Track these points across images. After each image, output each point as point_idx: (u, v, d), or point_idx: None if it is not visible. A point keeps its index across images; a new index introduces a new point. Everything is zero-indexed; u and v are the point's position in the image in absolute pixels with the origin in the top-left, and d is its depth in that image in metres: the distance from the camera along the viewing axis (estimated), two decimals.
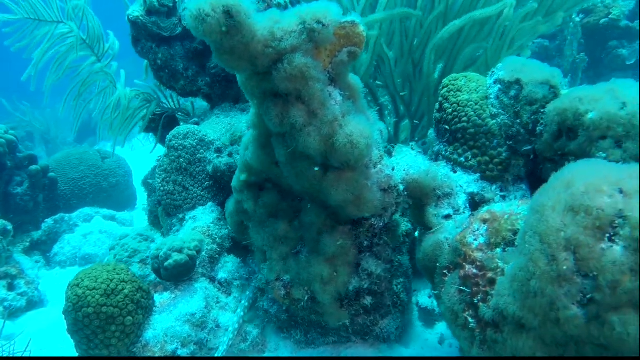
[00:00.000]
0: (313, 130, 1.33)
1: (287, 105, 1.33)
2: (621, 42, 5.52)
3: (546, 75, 1.65)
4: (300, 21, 1.29)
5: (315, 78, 1.30)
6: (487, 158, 1.71)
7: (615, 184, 1.00)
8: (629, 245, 0.94)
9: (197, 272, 1.92)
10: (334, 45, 1.36)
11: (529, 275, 1.04)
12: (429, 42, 3.44)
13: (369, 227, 1.53)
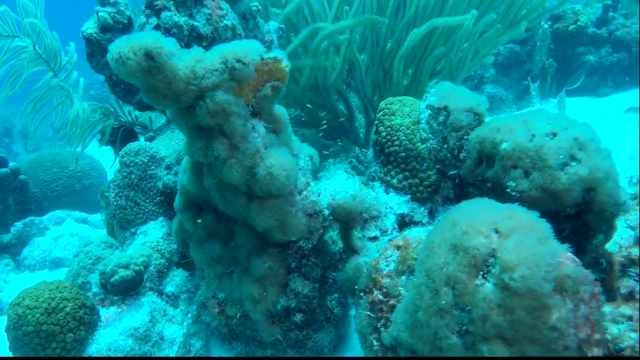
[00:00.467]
0: (235, 163, 1.40)
1: (210, 138, 1.41)
2: (588, 49, 5.63)
3: (471, 103, 1.74)
4: (221, 60, 1.37)
5: (236, 114, 1.38)
6: (417, 180, 1.80)
7: (493, 224, 1.09)
8: (498, 283, 1.03)
9: (145, 286, 2.00)
10: (257, 80, 1.44)
11: (416, 307, 1.13)
12: (398, 52, 3.52)
13: (297, 249, 1.62)
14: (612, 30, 5.60)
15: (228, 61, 1.36)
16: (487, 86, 5.59)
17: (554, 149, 1.43)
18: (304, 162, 1.62)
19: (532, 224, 1.08)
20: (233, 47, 1.39)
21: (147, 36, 1.30)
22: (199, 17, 2.00)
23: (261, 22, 2.65)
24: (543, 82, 5.65)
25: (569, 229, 1.51)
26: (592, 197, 1.41)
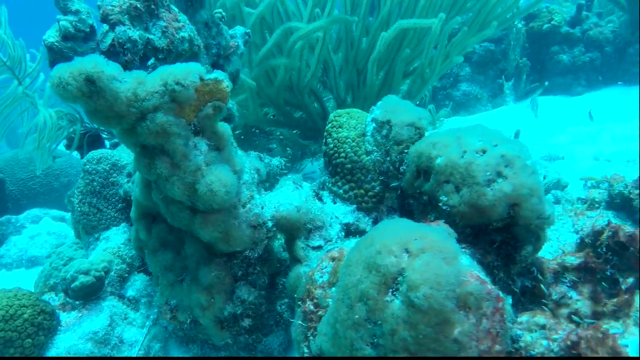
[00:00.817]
0: (177, 180, 1.48)
1: (153, 157, 1.48)
2: (562, 48, 5.72)
3: (413, 117, 1.81)
4: (162, 83, 1.43)
5: (176, 134, 1.45)
6: (362, 191, 1.88)
7: (404, 244, 1.17)
8: (405, 300, 1.11)
9: (106, 290, 2.08)
10: (198, 101, 1.51)
11: (335, 319, 1.22)
12: (372, 54, 3.58)
13: (243, 258, 1.69)
14: (586, 29, 5.69)
15: (168, 84, 1.43)
16: (463, 84, 5.66)
17: (482, 165, 1.51)
18: (248, 175, 1.69)
19: (441, 245, 1.17)
20: (173, 70, 1.45)
21: (87, 61, 1.36)
22: (154, 30, 2.06)
23: (225, 29, 2.70)
24: (517, 80, 5.73)
25: (499, 241, 1.60)
26: (517, 212, 1.50)
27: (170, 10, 2.16)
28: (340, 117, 1.96)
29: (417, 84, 3.77)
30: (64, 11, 2.34)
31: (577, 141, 4.39)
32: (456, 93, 5.61)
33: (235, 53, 2.92)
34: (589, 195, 2.61)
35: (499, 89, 5.69)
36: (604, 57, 5.58)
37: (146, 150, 1.49)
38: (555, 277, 1.85)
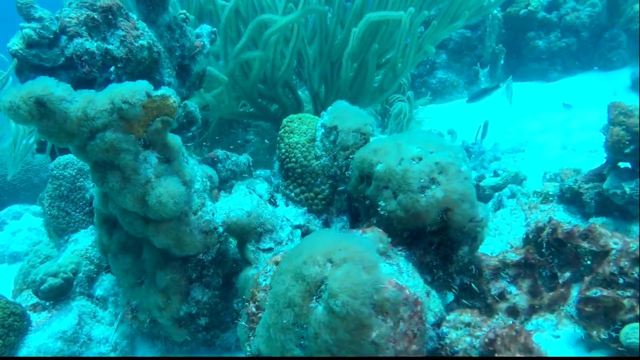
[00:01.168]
0: (128, 193, 1.57)
1: (105, 171, 1.56)
2: (538, 33, 5.77)
3: (359, 124, 1.90)
4: (109, 101, 1.51)
5: (125, 150, 1.54)
6: (312, 194, 1.98)
7: (328, 255, 1.27)
8: (326, 307, 1.22)
9: (75, 291, 2.18)
10: (146, 117, 1.59)
11: (268, 323, 1.32)
12: (345, 49, 3.63)
13: (197, 261, 1.80)
14: (562, 14, 5.74)
15: (115, 103, 1.51)
16: (439, 72, 5.73)
17: (417, 173, 1.61)
18: (200, 184, 1.78)
19: (362, 255, 1.27)
20: (120, 89, 1.53)
21: (36, 84, 1.44)
22: (112, 40, 2.12)
23: (189, 30, 2.76)
24: (493, 67, 5.80)
25: (436, 242, 1.70)
26: (450, 217, 1.60)
27: (128, 18, 2.22)
28: (292, 123, 2.05)
29: (388, 77, 3.84)
30: (27, 18, 2.39)
31: (548, 129, 4.48)
32: (432, 80, 5.68)
33: (201, 52, 2.99)
34: (544, 188, 2.71)
35: (475, 75, 5.76)
36: (580, 42, 5.64)
37: (98, 165, 1.58)
38: (495, 274, 1.97)
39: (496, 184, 2.85)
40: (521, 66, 5.78)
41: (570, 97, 4.97)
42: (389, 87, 3.85)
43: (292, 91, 4.38)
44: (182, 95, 2.83)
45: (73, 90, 1.52)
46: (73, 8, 2.07)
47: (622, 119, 2.27)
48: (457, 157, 1.68)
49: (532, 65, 5.68)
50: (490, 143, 4.21)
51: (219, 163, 2.95)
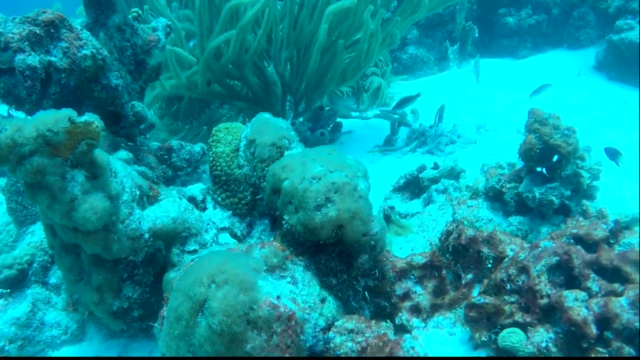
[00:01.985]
0: (56, 210, 1.77)
1: (35, 191, 1.76)
2: (509, 10, 5.79)
3: (274, 138, 2.08)
4: (35, 130, 1.69)
5: (51, 172, 1.73)
6: (236, 199, 2.18)
7: (212, 277, 1.49)
8: (207, 323, 1.44)
9: (30, 280, 2.42)
10: (72, 140, 1.77)
11: (165, 331, 1.56)
12: (315, 44, 3.72)
13: (128, 262, 2.02)
14: None
15: (40, 131, 1.69)
16: (410, 47, 5.80)
17: (314, 192, 1.80)
18: (128, 195, 1.98)
19: (241, 277, 1.48)
20: (45, 117, 1.71)
21: None
22: (55, 52, 2.27)
23: (140, 28, 2.89)
24: (463, 44, 5.86)
25: (336, 252, 1.90)
26: (343, 233, 1.80)
27: (72, 29, 2.36)
28: (220, 133, 2.23)
29: (352, 66, 3.94)
30: None
31: (508, 110, 4.61)
32: (403, 56, 5.76)
33: (157, 46, 3.11)
34: (476, 183, 2.88)
35: (446, 51, 5.83)
36: (550, 19, 5.68)
37: (29, 185, 1.77)
38: (402, 275, 2.18)
39: (434, 177, 3.03)
40: (493, 42, 5.83)
41: (538, 75, 5.07)
42: (352, 77, 3.98)
43: (261, 71, 4.50)
44: (136, 90, 2.99)
45: (2, 119, 1.70)
46: (16, 23, 2.21)
47: (537, 126, 2.43)
48: (355, 176, 1.87)
49: (502, 42, 5.74)
50: (449, 124, 4.36)
51: (174, 153, 3.14)
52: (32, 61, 2.19)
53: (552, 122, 2.40)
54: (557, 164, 2.38)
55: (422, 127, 4.16)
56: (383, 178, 3.69)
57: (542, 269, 1.94)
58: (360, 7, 3.68)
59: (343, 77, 3.99)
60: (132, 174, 2.10)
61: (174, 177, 3.13)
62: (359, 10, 3.74)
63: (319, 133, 4.18)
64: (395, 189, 3.17)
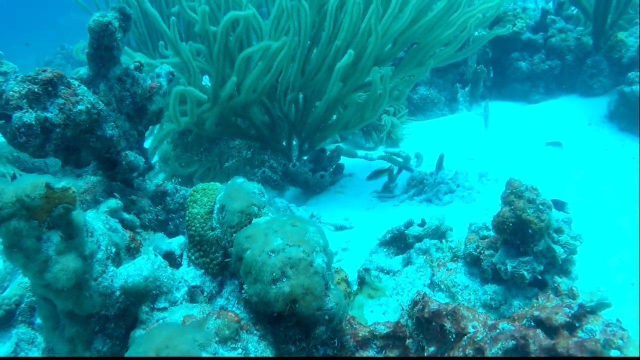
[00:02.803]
0: (30, 269, 1.89)
1: (11, 250, 1.89)
2: (522, 54, 5.79)
3: (243, 206, 2.17)
4: (14, 194, 1.83)
5: (27, 235, 1.85)
6: (208, 259, 2.28)
7: (157, 350, 1.58)
8: None
9: (17, 319, 2.56)
10: (49, 204, 1.89)
11: None
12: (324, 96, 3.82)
13: (100, 317, 2.12)
14: (548, 36, 5.73)
15: (18, 196, 1.82)
16: (421, 88, 5.84)
17: (271, 266, 1.88)
18: (103, 253, 2.09)
19: (185, 353, 1.57)
20: (24, 184, 1.84)
21: None
22: (52, 109, 2.42)
23: (141, 77, 3.04)
24: (474, 86, 5.87)
25: (294, 321, 1.97)
26: (296, 307, 1.87)
27: (69, 86, 2.51)
28: (197, 194, 2.33)
29: (354, 118, 4.02)
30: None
31: (513, 159, 4.60)
32: (414, 96, 5.81)
33: (158, 93, 3.27)
34: (458, 245, 2.91)
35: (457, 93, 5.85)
36: (564, 65, 5.65)
37: (6, 245, 1.90)
38: (361, 345, 2.22)
39: (419, 234, 3.07)
40: (505, 86, 5.83)
41: (548, 121, 5.04)
42: (354, 127, 4.06)
43: (267, 109, 4.63)
44: (134, 136, 3.14)
45: None
46: (17, 82, 2.37)
47: (512, 199, 2.46)
48: (313, 251, 1.94)
49: (515, 86, 5.73)
50: (451, 171, 4.38)
51: (168, 197, 3.27)
52: (27, 118, 2.34)
53: (527, 195, 2.43)
54: (530, 238, 2.40)
55: (422, 175, 4.19)
56: (376, 226, 3.74)
57: (498, 352, 1.97)
58: (367, 64, 3.75)
59: (345, 127, 4.08)
60: (110, 233, 2.22)
61: (167, 219, 3.26)
62: (365, 67, 3.79)
63: (319, 175, 4.26)
64: (382, 243, 3.22)
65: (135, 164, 2.87)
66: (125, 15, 2.93)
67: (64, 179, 1.93)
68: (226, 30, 3.84)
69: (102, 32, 2.70)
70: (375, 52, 3.60)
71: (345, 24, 3.59)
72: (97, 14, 2.73)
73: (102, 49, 2.75)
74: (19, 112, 2.35)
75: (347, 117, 4.02)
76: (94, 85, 2.80)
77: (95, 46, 2.74)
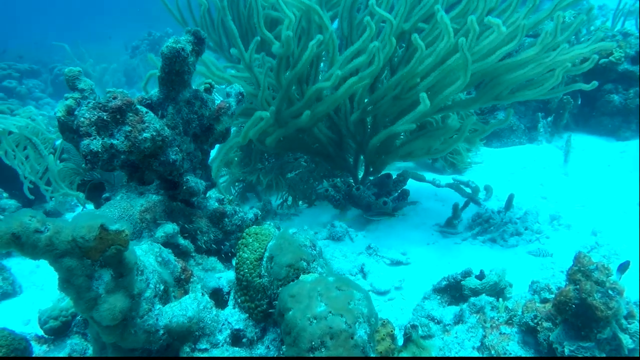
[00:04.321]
0: (80, 304, 1.96)
1: (65, 284, 1.96)
2: (616, 87, 5.34)
3: (292, 260, 2.13)
4: (70, 234, 1.89)
5: (79, 274, 1.91)
6: (253, 305, 2.27)
7: None
8: None
9: (72, 330, 2.68)
10: (102, 245, 1.94)
11: None
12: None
13: (143, 350, 2.17)
14: None
15: (74, 236, 1.88)
16: (500, 113, 5.55)
17: (310, 334, 1.83)
18: (151, 291, 2.13)
19: None
20: (80, 224, 1.90)
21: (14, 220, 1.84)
22: (118, 136, 2.49)
23: (210, 99, 3.08)
24: (558, 117, 5.48)
25: None
26: None
27: (137, 113, 2.57)
28: (249, 237, 2.32)
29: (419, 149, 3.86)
30: (72, 88, 2.84)
31: (592, 203, 4.28)
32: (492, 121, 5.52)
33: (226, 113, 3.29)
34: (515, 307, 2.73)
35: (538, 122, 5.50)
36: None
37: (61, 279, 1.98)
38: None
39: (475, 288, 2.92)
40: (592, 118, 5.41)
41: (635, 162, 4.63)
42: (419, 157, 3.92)
43: (335, 124, 4.55)
44: (198, 157, 3.18)
45: (46, 219, 1.91)
46: (89, 109, 2.45)
47: (579, 277, 2.27)
48: (355, 322, 1.87)
49: (603, 120, 5.31)
50: (520, 210, 4.14)
51: (226, 218, 3.29)
52: (94, 146, 2.42)
53: (596, 276, 2.22)
54: (594, 323, 2.21)
55: (489, 213, 3.99)
56: (434, 265, 3.61)
57: None
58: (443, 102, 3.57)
59: (409, 155, 3.94)
60: (160, 269, 2.26)
61: (224, 239, 3.29)
62: (439, 105, 3.62)
63: (382, 202, 4.16)
64: (436, 289, 3.09)
65: (194, 190, 2.90)
66: (199, 39, 2.96)
67: (119, 222, 1.97)
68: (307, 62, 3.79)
69: (174, 58, 2.73)
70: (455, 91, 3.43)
71: (430, 60, 3.42)
72: (170, 39, 2.76)
73: (173, 74, 2.79)
74: (87, 140, 2.43)
75: (412, 147, 3.89)
76: (162, 108, 2.85)
77: (167, 71, 2.79)
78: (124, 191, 3.04)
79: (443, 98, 3.31)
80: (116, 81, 11.27)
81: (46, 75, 10.76)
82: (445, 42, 3.22)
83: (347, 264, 3.55)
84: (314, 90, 3.71)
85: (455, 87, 3.22)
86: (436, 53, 3.30)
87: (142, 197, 3.02)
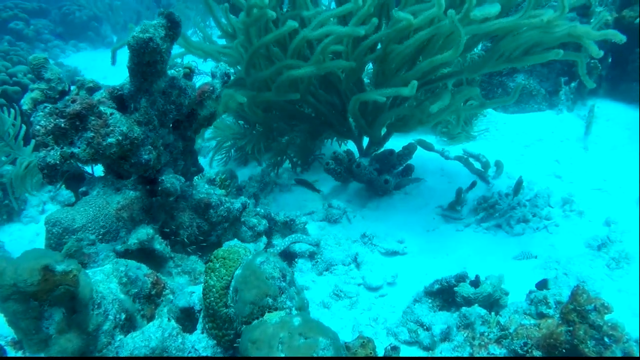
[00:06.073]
0: (30, 346, 1.86)
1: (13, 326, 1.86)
2: None
3: (256, 297, 1.98)
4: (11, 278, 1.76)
5: (24, 317, 1.80)
6: (220, 334, 2.15)
7: None
8: None
9: None
10: (50, 285, 1.81)
11: None
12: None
13: None
14: None
15: (15, 280, 1.75)
16: (520, 76, 5.10)
17: None
18: (109, 324, 2.02)
19: None
20: (21, 268, 1.76)
21: None
22: (79, 144, 2.29)
23: (189, 86, 2.84)
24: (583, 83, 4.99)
25: None
26: None
27: (100, 115, 2.36)
28: (216, 262, 2.16)
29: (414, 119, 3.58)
30: (38, 78, 2.62)
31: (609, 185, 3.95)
32: (510, 84, 5.09)
33: (210, 97, 3.06)
34: (508, 323, 2.56)
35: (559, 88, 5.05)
36: None
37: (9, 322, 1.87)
38: None
39: (468, 297, 2.75)
40: (622, 83, 4.94)
41: None
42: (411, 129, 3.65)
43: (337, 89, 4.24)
44: (178, 148, 2.98)
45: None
46: (45, 115, 2.25)
47: (574, 318, 2.08)
48: None
49: (634, 86, 4.84)
50: (531, 191, 3.87)
51: (211, 209, 3.14)
52: (51, 158, 2.23)
53: (593, 318, 2.02)
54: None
55: (495, 198, 3.73)
56: (432, 256, 3.44)
57: None
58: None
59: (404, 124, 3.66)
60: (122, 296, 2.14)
61: (210, 230, 3.15)
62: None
63: (384, 180, 3.93)
64: (428, 292, 2.93)
65: (170, 191, 2.73)
66: (173, 22, 2.66)
67: (66, 262, 1.83)
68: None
69: (141, 49, 2.47)
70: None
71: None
72: (137, 28, 2.49)
73: (144, 65, 2.54)
74: (44, 151, 2.24)
75: (402, 112, 3.60)
76: (134, 101, 2.62)
77: (136, 62, 2.53)
78: (100, 186, 2.88)
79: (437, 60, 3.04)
80: (127, 18, 10.85)
81: (55, 12, 10.40)
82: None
83: (341, 253, 3.40)
84: (299, 40, 3.40)
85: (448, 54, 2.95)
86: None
87: (118, 193, 2.86)
